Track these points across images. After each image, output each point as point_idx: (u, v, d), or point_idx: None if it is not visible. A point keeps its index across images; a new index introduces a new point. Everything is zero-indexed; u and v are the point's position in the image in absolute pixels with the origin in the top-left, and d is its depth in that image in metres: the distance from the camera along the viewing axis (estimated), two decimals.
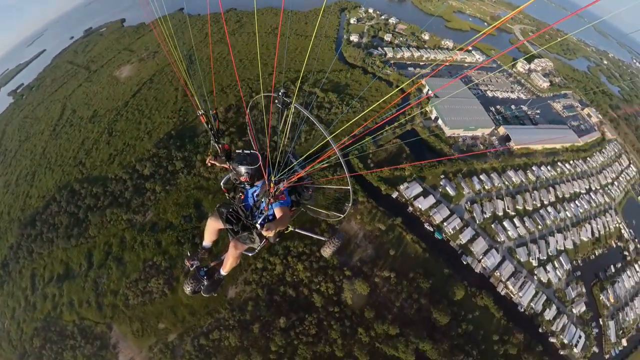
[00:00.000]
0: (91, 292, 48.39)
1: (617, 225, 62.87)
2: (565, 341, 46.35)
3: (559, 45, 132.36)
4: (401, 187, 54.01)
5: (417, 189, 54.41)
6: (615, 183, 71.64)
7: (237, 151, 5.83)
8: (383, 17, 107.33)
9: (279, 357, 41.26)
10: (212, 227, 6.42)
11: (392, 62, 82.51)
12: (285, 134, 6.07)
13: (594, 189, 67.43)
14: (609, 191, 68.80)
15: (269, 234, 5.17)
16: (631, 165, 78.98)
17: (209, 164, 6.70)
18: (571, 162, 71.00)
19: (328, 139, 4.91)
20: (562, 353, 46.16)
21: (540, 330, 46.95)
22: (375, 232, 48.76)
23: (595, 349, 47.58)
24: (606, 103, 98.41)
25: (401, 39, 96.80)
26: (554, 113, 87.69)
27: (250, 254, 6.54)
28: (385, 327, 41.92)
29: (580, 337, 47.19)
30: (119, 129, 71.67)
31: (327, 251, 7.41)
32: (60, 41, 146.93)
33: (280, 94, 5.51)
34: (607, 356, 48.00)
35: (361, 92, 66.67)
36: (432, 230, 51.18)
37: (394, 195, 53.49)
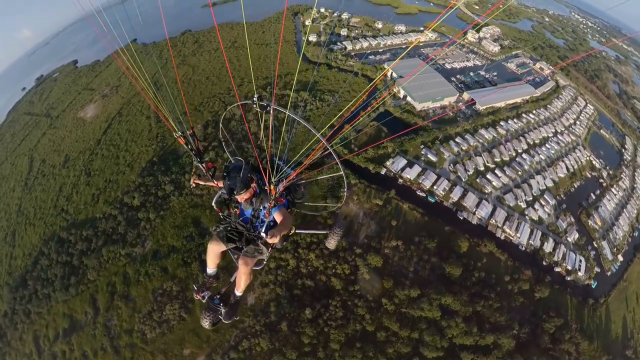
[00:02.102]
0: (104, 338, 46.50)
1: (588, 158, 68.38)
2: (569, 267, 49.80)
3: (502, 11, 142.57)
4: (387, 163, 57.05)
5: (402, 162, 57.58)
6: (577, 122, 78.06)
7: (223, 174, 5.50)
8: (336, 14, 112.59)
9: (313, 348, 41.61)
10: (214, 251, 6.18)
11: (353, 53, 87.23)
12: (270, 138, 5.98)
13: (559, 131, 73.20)
14: (573, 130, 74.85)
15: (274, 240, 5.00)
16: (588, 105, 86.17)
17: (194, 184, 6.48)
18: (534, 111, 76.85)
19: (318, 135, 5.03)
20: (569, 279, 49.55)
21: (544, 263, 50.29)
22: (373, 209, 51.17)
23: (597, 269, 51.38)
24: (554, 55, 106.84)
25: (357, 31, 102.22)
26: (509, 73, 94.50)
27: (258, 267, 6.35)
28: (406, 292, 43.89)
29: (580, 261, 50.83)
30: (96, 167, 69.16)
31: (331, 242, 7.31)
32: (11, 95, 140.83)
33: (254, 99, 5.37)
34: (609, 273, 51.92)
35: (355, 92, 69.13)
36: (424, 195, 54.18)
37: (383, 172, 56.39)
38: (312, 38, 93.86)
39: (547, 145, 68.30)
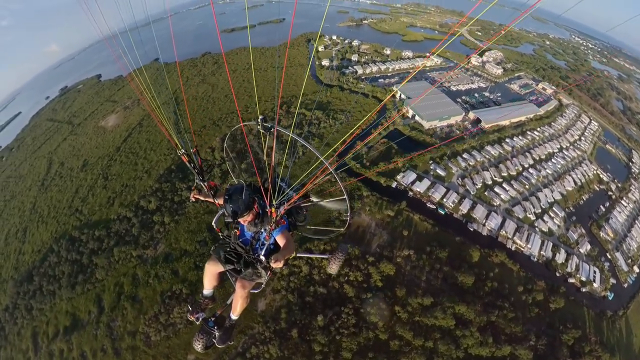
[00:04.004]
0: (105, 339, 45.24)
1: (595, 171, 69.61)
2: (583, 279, 49.81)
3: (503, 37, 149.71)
4: (398, 177, 59.88)
5: (412, 176, 60.28)
6: (582, 138, 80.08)
7: (225, 197, 5.31)
8: (346, 41, 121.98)
9: (324, 357, 40.73)
10: (211, 272, 6.05)
11: (363, 77, 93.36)
12: (273, 159, 6.00)
13: (564, 146, 75.20)
14: (578, 145, 76.72)
15: (278, 265, 4.89)
16: (592, 121, 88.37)
17: (194, 199, 6.50)
18: (538, 129, 79.50)
19: (321, 159, 5.02)
20: (584, 290, 49.40)
21: (557, 274, 50.52)
22: (385, 219, 53.27)
23: (612, 281, 51.11)
24: (556, 76, 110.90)
25: (366, 57, 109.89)
26: (513, 93, 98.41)
27: (256, 291, 6.15)
28: (419, 299, 44.78)
29: (595, 272, 50.80)
30: (114, 172, 70.88)
31: (333, 267, 7.06)
32: (35, 102, 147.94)
33: (259, 120, 5.35)
34: (625, 285, 51.46)
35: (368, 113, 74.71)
36: (434, 207, 56.17)
37: (393, 185, 59.09)
38: (325, 63, 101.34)
39: (553, 160, 70.12)
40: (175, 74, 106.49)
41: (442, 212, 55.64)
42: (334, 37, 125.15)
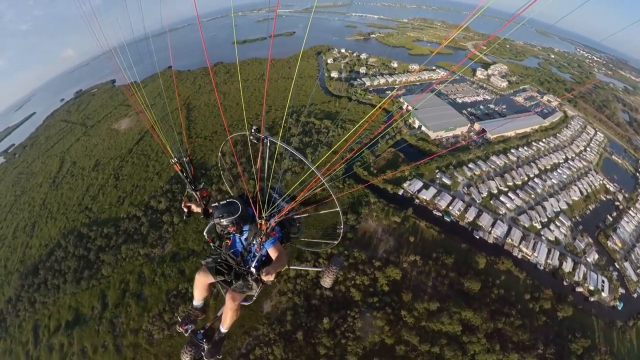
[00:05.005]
0: (107, 335, 45.05)
1: (601, 182, 69.88)
2: (591, 288, 49.68)
3: (508, 50, 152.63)
4: (404, 184, 61.20)
5: (419, 184, 61.55)
6: (588, 149, 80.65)
7: (213, 205, 5.38)
8: (355, 54, 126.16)
9: None
10: (202, 283, 5.94)
11: (371, 89, 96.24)
12: (266, 169, 5.85)
13: (570, 157, 75.86)
14: (584, 156, 77.25)
15: (269, 278, 4.79)
16: (598, 133, 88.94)
17: (185, 208, 6.43)
18: (543, 140, 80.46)
19: (312, 168, 4.95)
20: (592, 300, 49.20)
21: (564, 283, 50.54)
22: (392, 225, 54.32)
23: (621, 290, 50.81)
24: (561, 88, 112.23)
25: (374, 69, 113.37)
26: (518, 105, 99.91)
27: (247, 303, 5.98)
28: (425, 304, 45.26)
29: (603, 281, 50.64)
30: (125, 173, 72.60)
31: (327, 281, 6.92)
32: (50, 104, 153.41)
33: (252, 130, 5.32)
34: (635, 294, 51.01)
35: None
36: (440, 215, 57.11)
37: (400, 192, 60.37)
38: (334, 74, 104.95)
39: (558, 170, 70.74)
40: (188, 81, 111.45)
41: (448, 220, 56.49)
42: (343, 50, 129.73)
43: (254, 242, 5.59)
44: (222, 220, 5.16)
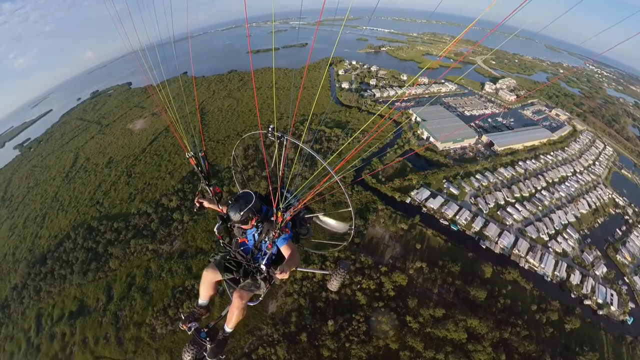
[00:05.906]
0: (110, 327, 45.06)
1: (610, 195, 69.68)
2: (600, 301, 49.39)
3: (517, 65, 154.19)
4: (412, 193, 62.41)
5: (426, 193, 62.67)
6: (597, 163, 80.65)
7: (229, 202, 5.46)
8: (365, 66, 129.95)
9: None
10: (209, 281, 5.88)
11: (380, 100, 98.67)
12: (281, 167, 5.97)
13: (578, 170, 75.98)
14: (593, 170, 77.26)
15: (284, 276, 4.68)
16: (607, 147, 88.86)
17: (197, 205, 6.45)
18: (552, 153, 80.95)
19: (324, 164, 5.13)
20: (601, 313, 48.85)
21: (572, 295, 50.42)
22: (399, 232, 55.36)
23: (631, 305, 50.31)
24: (570, 103, 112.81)
25: (384, 81, 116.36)
26: (526, 119, 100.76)
27: (253, 303, 5.84)
28: (431, 311, 45.79)
29: (612, 295, 50.29)
30: (137, 171, 74.80)
31: (333, 284, 6.92)
32: (67, 102, 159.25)
33: (269, 129, 5.44)
34: None
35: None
36: (447, 224, 57.91)
37: (407, 200, 61.54)
38: (345, 85, 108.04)
39: (566, 183, 70.92)
40: (203, 87, 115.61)
41: (455, 229, 57.24)
42: (354, 62, 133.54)
43: (266, 239, 5.57)
44: (238, 214, 5.26)
